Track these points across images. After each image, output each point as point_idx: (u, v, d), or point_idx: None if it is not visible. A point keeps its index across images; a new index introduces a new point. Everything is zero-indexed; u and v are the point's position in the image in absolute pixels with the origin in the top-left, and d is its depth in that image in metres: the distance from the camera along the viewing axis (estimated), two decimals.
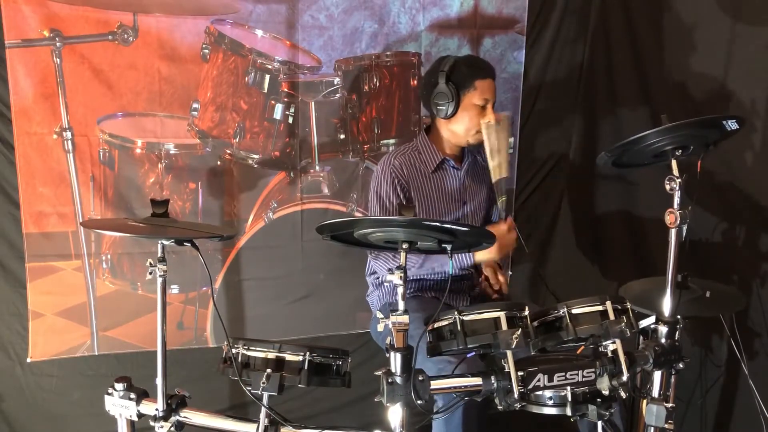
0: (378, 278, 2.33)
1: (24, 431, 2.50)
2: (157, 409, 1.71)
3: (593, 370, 1.57)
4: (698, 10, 2.45)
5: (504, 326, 1.56)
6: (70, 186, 2.39)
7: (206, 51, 2.45)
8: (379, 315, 1.51)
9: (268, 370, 1.61)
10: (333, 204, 2.70)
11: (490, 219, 2.47)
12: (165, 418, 1.71)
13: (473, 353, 1.74)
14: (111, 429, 1.81)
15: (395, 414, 1.51)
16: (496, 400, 1.58)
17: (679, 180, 1.71)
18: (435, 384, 1.54)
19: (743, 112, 2.19)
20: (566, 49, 2.94)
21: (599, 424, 1.62)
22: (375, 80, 2.66)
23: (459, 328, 1.58)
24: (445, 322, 1.62)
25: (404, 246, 1.49)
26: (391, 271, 1.46)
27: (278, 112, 2.56)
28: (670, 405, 1.76)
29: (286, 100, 2.56)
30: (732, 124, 1.76)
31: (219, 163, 2.54)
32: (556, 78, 2.96)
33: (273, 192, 2.62)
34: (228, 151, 2.54)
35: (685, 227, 1.73)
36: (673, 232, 1.74)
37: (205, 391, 2.40)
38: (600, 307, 1.62)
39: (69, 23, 2.28)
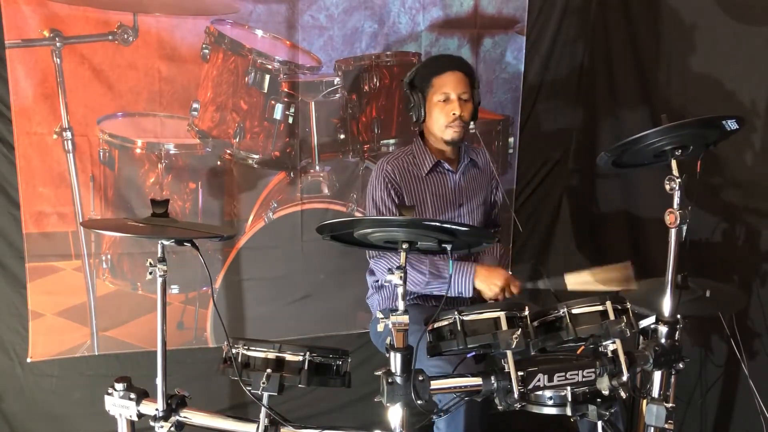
0: (377, 281, 2.33)
1: (24, 431, 2.50)
2: (157, 409, 1.71)
3: (593, 370, 1.57)
4: (698, 10, 2.45)
5: (504, 326, 1.56)
6: (70, 186, 2.39)
7: (206, 51, 2.45)
8: (380, 315, 1.51)
9: (268, 370, 1.61)
10: (333, 204, 2.70)
11: (491, 222, 2.47)
12: (165, 418, 1.71)
13: (473, 353, 1.74)
14: (111, 429, 1.81)
15: (395, 414, 1.51)
16: (496, 400, 1.58)
17: (679, 180, 1.71)
18: (435, 384, 1.54)
19: (743, 112, 2.19)
20: (566, 49, 2.94)
21: (599, 424, 1.62)
22: (375, 80, 2.66)
23: (459, 328, 1.58)
24: (445, 322, 1.62)
25: (404, 246, 1.49)
26: (390, 270, 1.46)
27: (278, 112, 2.56)
28: (670, 405, 1.75)
29: (286, 100, 2.56)
30: (732, 124, 1.75)
31: (219, 163, 2.54)
32: (556, 78, 2.96)
33: (273, 192, 2.62)
34: (228, 151, 2.54)
35: (685, 227, 1.73)
36: (673, 232, 1.74)
37: (205, 391, 2.41)
38: (600, 307, 1.62)
39: (69, 23, 2.28)
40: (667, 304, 1.79)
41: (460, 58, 2.39)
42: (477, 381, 1.58)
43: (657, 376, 1.79)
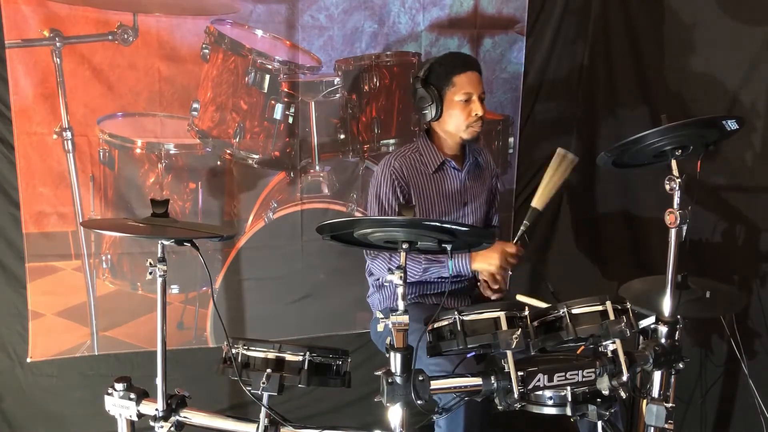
0: (378, 280, 2.33)
1: (24, 431, 2.50)
2: (157, 409, 1.71)
3: (593, 370, 1.57)
4: (698, 10, 2.45)
5: (504, 326, 1.56)
6: (70, 186, 2.39)
7: (206, 51, 2.45)
8: (379, 315, 1.51)
9: (268, 370, 1.61)
10: (333, 204, 2.70)
11: (490, 220, 2.47)
12: (165, 418, 1.71)
13: (473, 353, 1.74)
14: (111, 429, 1.81)
15: (395, 414, 1.51)
16: (496, 400, 1.58)
17: (679, 180, 1.71)
18: (435, 384, 1.54)
19: (743, 112, 2.20)
20: (566, 49, 2.94)
21: (599, 424, 1.62)
22: (375, 80, 2.66)
23: (459, 328, 1.58)
24: (445, 322, 1.61)
25: (404, 246, 1.49)
26: (390, 270, 1.46)
27: (278, 112, 2.56)
28: (670, 405, 1.75)
29: (286, 100, 2.56)
30: (732, 124, 1.75)
31: (219, 163, 2.54)
32: (556, 78, 2.96)
33: (273, 192, 2.62)
34: (228, 151, 2.54)
35: (685, 227, 1.73)
36: (673, 232, 1.74)
37: (205, 391, 2.39)
38: (600, 307, 1.61)
39: (69, 23, 2.28)
40: (667, 304, 1.80)
41: (474, 57, 2.43)
42: (477, 381, 1.58)
43: (657, 376, 1.79)
